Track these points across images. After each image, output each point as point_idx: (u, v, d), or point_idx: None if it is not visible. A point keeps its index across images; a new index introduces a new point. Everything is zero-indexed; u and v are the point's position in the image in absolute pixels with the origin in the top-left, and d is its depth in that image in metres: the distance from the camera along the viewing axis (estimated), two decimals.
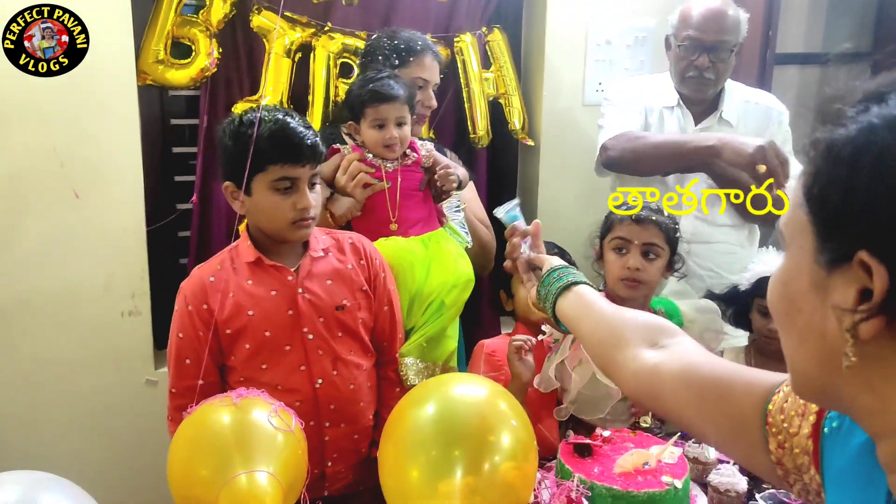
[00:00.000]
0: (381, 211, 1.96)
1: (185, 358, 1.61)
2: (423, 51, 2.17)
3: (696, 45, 2.20)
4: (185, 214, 2.37)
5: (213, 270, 1.64)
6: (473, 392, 1.42)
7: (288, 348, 1.63)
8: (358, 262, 1.74)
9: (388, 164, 1.97)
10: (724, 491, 1.51)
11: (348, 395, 1.69)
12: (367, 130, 1.95)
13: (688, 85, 2.28)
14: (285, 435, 1.34)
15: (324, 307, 1.65)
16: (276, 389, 1.60)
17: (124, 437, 2.27)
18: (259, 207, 1.60)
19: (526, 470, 1.37)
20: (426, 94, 2.19)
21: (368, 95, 1.93)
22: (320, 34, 2.38)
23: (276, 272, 1.64)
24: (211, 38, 2.24)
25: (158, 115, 2.35)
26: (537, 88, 2.75)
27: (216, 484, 1.24)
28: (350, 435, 1.71)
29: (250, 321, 1.61)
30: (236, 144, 1.55)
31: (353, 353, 1.71)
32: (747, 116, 2.32)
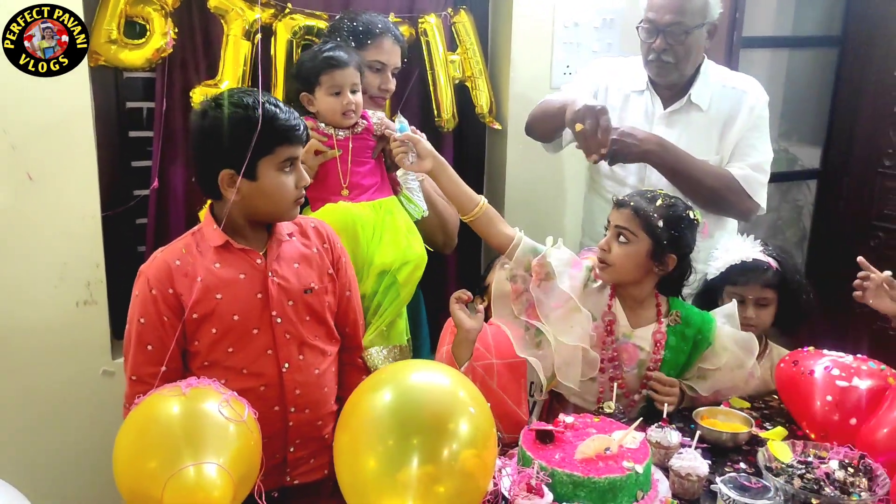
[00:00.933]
0: (332, 178, 2.01)
1: (147, 344, 1.58)
2: (382, 34, 2.17)
3: (652, 28, 2.19)
4: (142, 201, 2.30)
5: (177, 254, 1.61)
6: (431, 380, 1.40)
7: (256, 332, 1.62)
8: (322, 245, 1.75)
9: (339, 133, 2.01)
10: (686, 475, 1.50)
11: (313, 380, 1.70)
12: (324, 98, 1.99)
13: (650, 68, 2.26)
14: (237, 426, 1.31)
15: (292, 290, 1.66)
16: (242, 373, 1.61)
17: (81, 430, 2.21)
18: (265, 190, 1.58)
19: (485, 458, 1.35)
20: (384, 77, 2.19)
21: (324, 63, 1.97)
22: (281, 15, 2.32)
23: (245, 255, 1.63)
24: (166, 18, 2.17)
25: (113, 98, 2.26)
26: (504, 71, 2.71)
27: (163, 477, 1.21)
28: (314, 421, 1.71)
29: (218, 305, 1.59)
30: (236, 130, 1.52)
31: (319, 339, 1.72)
32: (721, 100, 2.29)
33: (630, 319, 1.88)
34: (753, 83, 2.33)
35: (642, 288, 1.88)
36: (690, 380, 1.90)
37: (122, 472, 1.29)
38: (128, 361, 1.62)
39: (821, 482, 1.44)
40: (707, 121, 2.28)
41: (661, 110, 2.31)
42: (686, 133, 2.29)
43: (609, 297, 1.89)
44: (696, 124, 2.29)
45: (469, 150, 2.81)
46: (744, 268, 2.03)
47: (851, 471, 1.46)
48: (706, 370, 1.89)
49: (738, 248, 2.06)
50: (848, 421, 1.64)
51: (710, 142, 2.29)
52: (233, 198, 1.56)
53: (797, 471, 1.48)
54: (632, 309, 1.89)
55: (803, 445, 1.58)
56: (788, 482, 1.44)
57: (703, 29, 2.21)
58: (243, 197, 1.58)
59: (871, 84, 3.09)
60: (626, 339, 1.88)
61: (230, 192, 1.56)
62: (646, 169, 2.28)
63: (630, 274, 1.85)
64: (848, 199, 3.24)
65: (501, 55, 2.73)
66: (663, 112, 2.31)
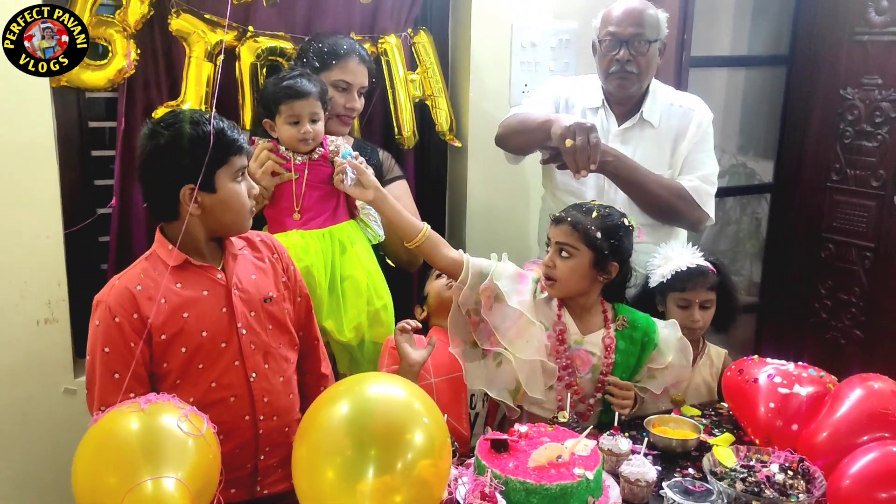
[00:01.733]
0: (286, 200, 2.08)
1: (114, 372, 1.57)
2: (348, 54, 2.24)
3: (615, 40, 2.27)
4: (104, 218, 2.32)
5: (136, 279, 1.61)
6: (387, 391, 1.44)
7: (224, 346, 1.65)
8: (272, 255, 1.81)
9: (297, 157, 2.07)
10: (635, 480, 1.55)
11: (279, 387, 1.74)
12: (283, 126, 2.06)
13: (612, 81, 2.32)
14: (196, 440, 1.34)
15: (253, 301, 1.70)
16: (211, 387, 1.64)
17: (42, 448, 2.21)
18: (224, 201, 1.62)
19: (441, 467, 1.39)
20: (349, 97, 2.25)
21: (282, 93, 2.03)
22: (243, 38, 2.36)
23: (204, 272, 1.66)
24: (128, 39, 2.20)
25: (76, 118, 2.28)
26: (464, 90, 2.77)
27: (122, 491, 1.23)
28: (281, 428, 1.75)
29: (186, 323, 1.61)
30: (194, 144, 1.56)
31: (282, 346, 1.77)
32: (670, 117, 2.38)
33: (580, 327, 1.95)
34: (698, 102, 2.43)
35: (589, 296, 1.96)
36: (641, 381, 1.98)
37: (81, 488, 1.30)
38: (93, 393, 1.60)
39: (762, 485, 1.50)
40: (658, 137, 2.36)
41: (616, 127, 2.39)
42: (639, 149, 2.37)
43: (557, 307, 1.96)
44: (649, 140, 2.37)
45: (430, 167, 2.86)
46: (690, 273, 2.11)
47: (791, 474, 1.53)
48: (654, 370, 1.97)
49: (681, 256, 2.14)
50: (790, 426, 1.70)
51: (663, 156, 2.37)
52: (194, 213, 1.58)
53: (740, 474, 1.54)
54: (580, 317, 1.96)
55: (746, 450, 1.64)
56: (731, 485, 1.51)
57: (657, 45, 2.30)
58: (204, 211, 1.61)
59: (818, 101, 3.20)
60: (578, 346, 1.95)
61: (191, 207, 1.58)
62: (605, 182, 2.35)
63: (576, 286, 1.92)
64: (799, 212, 3.35)
65: (461, 74, 2.79)
66: (618, 129, 2.38)
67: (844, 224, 3.16)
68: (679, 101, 2.41)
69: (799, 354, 1.93)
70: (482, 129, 2.78)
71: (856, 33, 3.02)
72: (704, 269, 2.13)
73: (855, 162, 3.09)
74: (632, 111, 2.38)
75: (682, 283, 2.11)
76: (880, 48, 2.94)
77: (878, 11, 2.94)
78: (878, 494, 1.40)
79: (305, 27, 2.44)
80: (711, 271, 2.13)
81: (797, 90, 3.31)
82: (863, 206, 3.08)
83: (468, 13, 2.71)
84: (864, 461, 1.45)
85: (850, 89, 3.06)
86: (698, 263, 2.13)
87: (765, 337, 3.53)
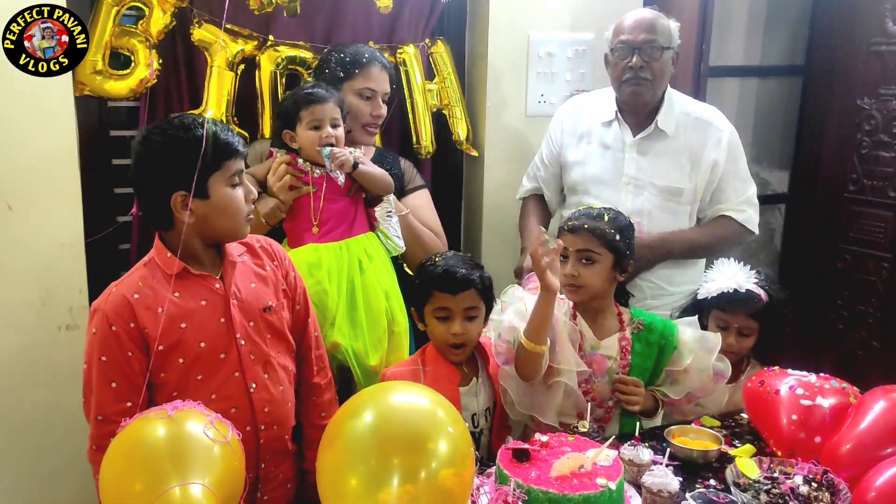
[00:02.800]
0: (304, 214, 2.07)
1: (111, 381, 1.57)
2: (370, 62, 2.24)
3: (627, 48, 2.28)
4: (124, 227, 2.34)
5: (134, 287, 1.60)
6: (411, 400, 1.44)
7: (223, 356, 1.64)
8: (272, 262, 1.78)
9: (315, 170, 2.05)
10: (657, 491, 1.55)
11: (279, 396, 1.73)
12: (304, 132, 2.05)
13: (626, 89, 2.33)
14: (221, 447, 1.34)
15: (252, 311, 1.68)
16: (212, 399, 1.60)
17: (64, 454, 2.22)
18: (218, 206, 1.59)
19: (464, 476, 1.39)
20: (374, 104, 2.25)
21: (303, 99, 2.04)
22: (264, 47, 2.38)
23: (203, 281, 1.63)
24: (151, 49, 2.23)
25: (97, 126, 2.31)
26: (481, 100, 2.79)
27: (149, 498, 1.23)
28: (281, 436, 1.75)
29: (184, 334, 1.59)
30: (184, 150, 1.53)
31: (281, 355, 1.75)
32: (686, 128, 2.38)
33: (595, 332, 1.95)
34: (716, 113, 2.43)
35: (606, 299, 1.96)
36: (662, 386, 1.97)
37: (109, 495, 1.31)
38: (90, 402, 1.59)
39: (786, 497, 1.49)
40: (675, 148, 2.37)
41: (631, 137, 2.39)
42: (657, 160, 2.37)
43: (572, 316, 1.96)
44: (666, 151, 2.37)
45: (447, 176, 2.87)
46: (735, 297, 2.06)
47: (815, 485, 1.52)
48: (674, 373, 1.95)
49: (733, 276, 2.10)
50: (813, 438, 1.69)
51: (682, 169, 2.37)
52: (187, 220, 1.56)
53: (763, 486, 1.53)
54: (594, 321, 1.96)
55: (770, 462, 1.64)
56: (755, 497, 1.50)
57: (670, 52, 2.31)
58: (197, 219, 1.58)
59: (834, 111, 3.20)
60: (594, 352, 1.94)
61: (184, 214, 1.56)
62: (619, 194, 2.37)
63: (601, 289, 1.93)
64: (816, 223, 3.34)
65: (478, 84, 2.80)
66: (633, 139, 2.39)
67: (861, 234, 3.15)
68: (697, 112, 2.41)
69: (817, 366, 1.91)
70: (498, 138, 2.80)
71: (872, 43, 3.01)
72: (754, 295, 2.06)
73: (872, 172, 3.08)
74: (646, 121, 2.38)
75: (725, 303, 2.08)
76: None
77: (895, 21, 2.93)
78: None
79: (325, 37, 2.46)
80: (761, 299, 2.06)
81: (813, 100, 3.31)
82: (880, 216, 3.06)
83: (485, 24, 2.72)
84: (890, 473, 1.45)
85: (868, 99, 3.06)
86: (748, 288, 2.07)
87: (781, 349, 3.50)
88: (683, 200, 2.39)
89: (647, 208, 2.37)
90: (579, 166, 2.45)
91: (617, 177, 2.39)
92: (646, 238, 2.28)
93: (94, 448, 1.59)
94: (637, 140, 2.38)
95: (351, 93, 2.20)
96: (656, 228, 2.37)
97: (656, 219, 2.37)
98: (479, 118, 2.80)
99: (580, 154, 2.45)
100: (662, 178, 2.36)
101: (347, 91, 2.20)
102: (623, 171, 2.39)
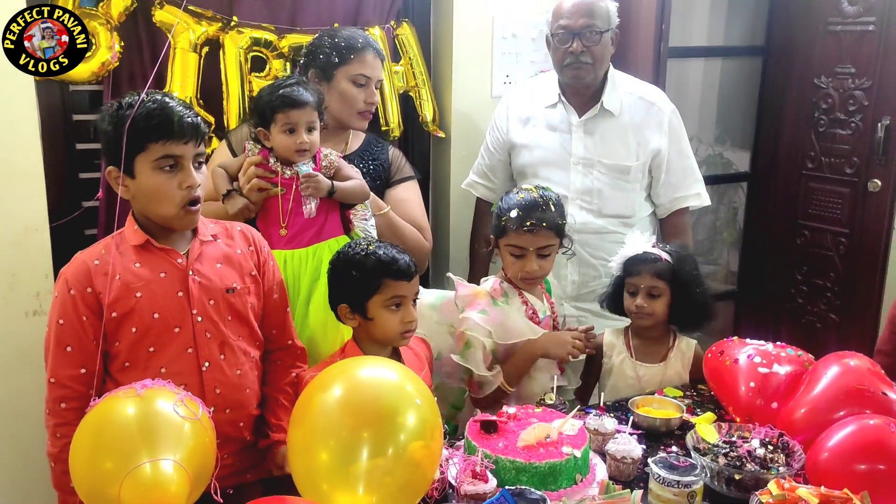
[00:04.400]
0: (273, 215, 2.02)
1: (67, 345, 1.58)
2: (364, 48, 2.18)
3: (567, 33, 2.31)
4: (90, 212, 2.32)
5: (96, 254, 1.61)
6: (380, 374, 1.46)
7: (177, 330, 1.62)
8: (247, 248, 1.76)
9: (286, 171, 1.99)
10: (621, 458, 1.60)
11: (234, 380, 1.70)
12: (278, 135, 1.98)
13: (567, 72, 2.37)
14: (192, 423, 1.36)
15: (214, 289, 1.66)
16: (161, 373, 1.59)
17: (33, 440, 2.20)
18: (145, 190, 1.57)
19: (432, 448, 1.42)
20: (369, 91, 2.20)
21: (279, 101, 1.96)
22: (227, 29, 2.37)
23: (165, 254, 1.63)
24: (112, 32, 2.21)
25: (60, 111, 2.28)
26: (447, 81, 2.80)
27: (121, 476, 1.24)
28: (235, 421, 1.71)
29: (138, 303, 1.59)
30: (116, 128, 1.53)
31: (242, 339, 1.72)
32: (633, 108, 2.44)
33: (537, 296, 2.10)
34: (658, 93, 2.50)
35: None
36: None
37: (80, 474, 1.32)
38: (48, 364, 1.60)
39: (743, 459, 1.55)
40: (621, 126, 2.42)
41: (577, 118, 2.43)
42: (604, 139, 2.43)
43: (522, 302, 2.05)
44: (612, 130, 2.43)
45: (414, 157, 2.88)
46: (636, 258, 2.10)
47: (771, 448, 1.58)
48: None
49: (635, 243, 2.13)
50: (770, 405, 1.75)
51: (628, 147, 2.43)
52: (123, 196, 1.57)
53: (722, 450, 1.59)
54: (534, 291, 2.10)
55: (728, 427, 1.70)
56: (714, 460, 1.55)
57: (609, 34, 2.35)
58: (134, 197, 1.59)
59: (793, 90, 3.27)
60: (545, 315, 2.09)
61: (119, 190, 1.57)
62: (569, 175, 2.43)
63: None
64: (776, 200, 3.41)
65: (443, 66, 2.82)
66: (579, 120, 2.43)
67: (819, 211, 3.23)
68: (639, 92, 2.46)
69: (777, 339, 1.96)
70: (465, 119, 2.82)
71: (829, 23, 3.08)
72: (653, 255, 2.09)
73: (829, 150, 3.16)
74: (591, 101, 2.43)
75: (630, 266, 2.11)
76: (853, 38, 3.01)
77: (850, 2, 3.00)
78: (855, 466, 1.45)
79: (290, 19, 2.46)
80: (659, 258, 2.08)
81: (773, 80, 3.38)
82: (837, 192, 3.15)
83: (450, 5, 2.73)
84: (840, 435, 1.51)
85: (825, 78, 3.13)
86: (646, 250, 2.10)
87: (743, 324, 3.59)
88: (631, 178, 2.44)
89: (596, 187, 2.42)
90: (527, 150, 2.49)
91: (565, 158, 2.44)
92: None
93: (48, 412, 1.60)
94: (583, 120, 2.43)
95: (345, 79, 2.15)
96: (607, 207, 2.43)
97: (607, 197, 2.43)
98: (445, 99, 2.82)
99: (527, 137, 2.49)
100: (610, 156, 2.41)
101: (341, 77, 2.15)
102: (571, 152, 2.43)
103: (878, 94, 2.95)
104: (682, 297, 2.06)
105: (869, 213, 3.03)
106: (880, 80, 2.94)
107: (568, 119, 2.44)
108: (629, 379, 2.10)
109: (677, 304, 2.07)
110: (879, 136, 2.94)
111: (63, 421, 1.58)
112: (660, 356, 2.11)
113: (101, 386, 1.60)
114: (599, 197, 2.42)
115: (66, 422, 1.57)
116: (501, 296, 2.02)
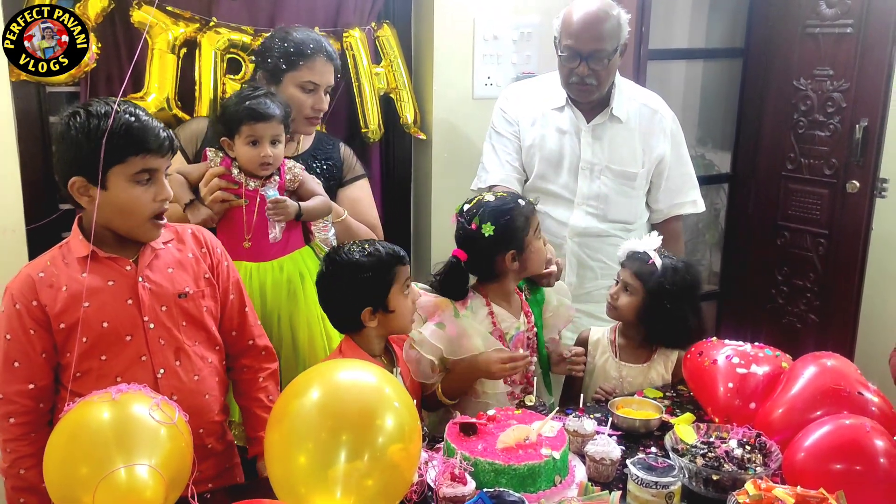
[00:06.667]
0: (237, 226, 2.00)
1: (14, 361, 1.56)
2: (315, 54, 2.15)
3: (574, 54, 2.28)
4: (67, 214, 2.30)
5: (42, 267, 1.59)
6: (357, 377, 1.45)
7: (129, 338, 1.60)
8: (199, 250, 1.73)
9: (250, 183, 1.98)
10: (600, 459, 1.60)
11: (192, 386, 1.67)
12: (242, 147, 1.97)
13: (572, 89, 2.37)
14: (168, 428, 1.35)
15: (165, 295, 1.63)
16: (116, 381, 1.55)
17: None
18: (116, 202, 1.53)
19: (411, 451, 1.41)
20: (316, 98, 2.18)
21: (245, 113, 1.94)
22: (205, 29, 2.35)
23: (113, 263, 1.59)
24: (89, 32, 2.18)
25: (36, 112, 2.27)
26: (427, 83, 2.80)
27: (95, 481, 1.23)
28: (194, 429, 1.62)
29: (85, 313, 1.56)
30: (90, 138, 1.48)
31: (199, 344, 1.69)
32: (639, 116, 2.45)
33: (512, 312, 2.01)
34: (659, 100, 2.50)
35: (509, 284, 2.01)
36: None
37: (54, 480, 1.31)
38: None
39: (721, 459, 1.56)
40: (628, 133, 2.43)
41: (586, 124, 2.43)
42: (612, 145, 2.43)
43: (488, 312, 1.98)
44: (620, 137, 2.43)
45: (395, 159, 2.88)
46: (631, 255, 2.10)
47: (749, 448, 1.59)
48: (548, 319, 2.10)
49: (641, 240, 2.13)
50: (748, 405, 1.76)
51: (635, 154, 2.44)
52: (87, 207, 1.53)
53: (700, 451, 1.60)
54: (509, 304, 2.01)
55: (707, 428, 1.70)
56: (692, 461, 1.56)
57: (618, 52, 2.31)
58: (99, 207, 1.53)
59: (772, 92, 3.29)
60: (518, 332, 2.00)
61: (82, 200, 1.53)
62: (577, 179, 2.43)
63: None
64: (756, 201, 3.44)
65: (424, 67, 2.82)
66: (587, 126, 2.42)
67: (799, 212, 3.25)
68: (642, 99, 2.48)
69: (758, 339, 1.97)
70: (446, 121, 2.82)
71: (807, 26, 3.11)
72: (645, 255, 2.07)
73: (808, 151, 3.18)
74: (599, 106, 2.42)
75: (624, 260, 2.13)
76: (831, 40, 3.04)
77: (828, 4, 3.03)
78: (831, 466, 1.46)
79: (269, 21, 2.45)
80: (649, 259, 2.06)
81: (752, 82, 3.40)
82: (816, 194, 3.17)
83: (431, 7, 2.73)
84: (817, 435, 1.51)
85: (803, 80, 3.16)
86: (644, 249, 2.09)
87: (724, 324, 3.62)
88: (637, 185, 2.45)
89: (603, 192, 2.42)
90: (536, 150, 2.46)
91: (574, 161, 2.43)
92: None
93: None
94: (591, 126, 2.42)
95: (293, 85, 2.13)
96: (612, 213, 2.43)
97: (612, 203, 2.43)
98: (426, 101, 2.82)
99: (536, 137, 2.45)
100: (617, 162, 2.42)
101: (289, 83, 2.13)
102: (580, 156, 2.42)
103: (855, 96, 2.98)
104: (654, 303, 2.05)
105: (847, 214, 3.05)
106: (858, 82, 2.96)
107: (577, 123, 2.42)
108: (612, 379, 2.10)
109: (648, 309, 2.06)
110: (857, 137, 2.96)
111: (11, 437, 1.56)
112: (644, 357, 2.11)
113: (56, 397, 1.59)
114: (605, 202, 2.42)
115: (14, 437, 1.56)
116: (465, 308, 1.96)
